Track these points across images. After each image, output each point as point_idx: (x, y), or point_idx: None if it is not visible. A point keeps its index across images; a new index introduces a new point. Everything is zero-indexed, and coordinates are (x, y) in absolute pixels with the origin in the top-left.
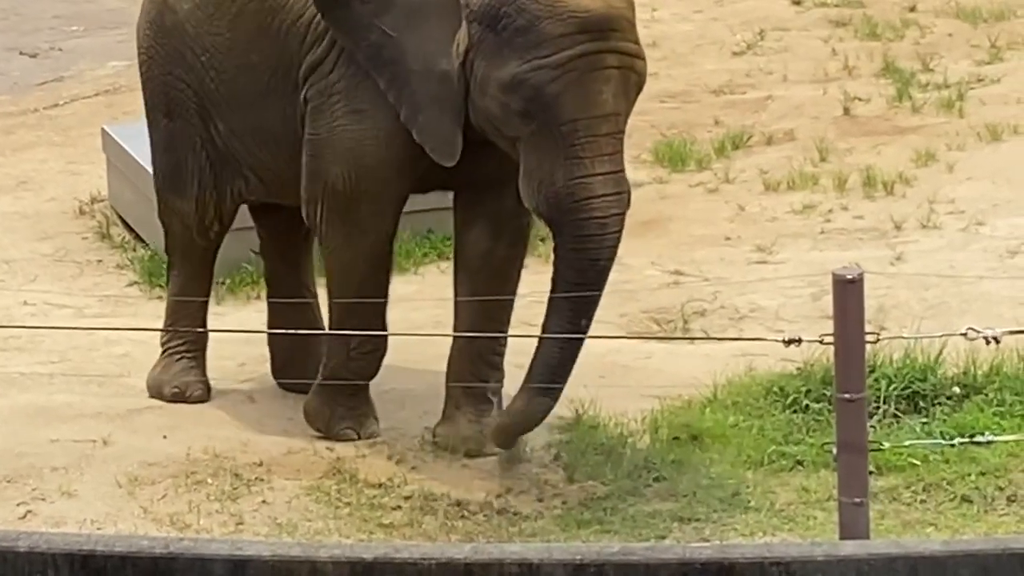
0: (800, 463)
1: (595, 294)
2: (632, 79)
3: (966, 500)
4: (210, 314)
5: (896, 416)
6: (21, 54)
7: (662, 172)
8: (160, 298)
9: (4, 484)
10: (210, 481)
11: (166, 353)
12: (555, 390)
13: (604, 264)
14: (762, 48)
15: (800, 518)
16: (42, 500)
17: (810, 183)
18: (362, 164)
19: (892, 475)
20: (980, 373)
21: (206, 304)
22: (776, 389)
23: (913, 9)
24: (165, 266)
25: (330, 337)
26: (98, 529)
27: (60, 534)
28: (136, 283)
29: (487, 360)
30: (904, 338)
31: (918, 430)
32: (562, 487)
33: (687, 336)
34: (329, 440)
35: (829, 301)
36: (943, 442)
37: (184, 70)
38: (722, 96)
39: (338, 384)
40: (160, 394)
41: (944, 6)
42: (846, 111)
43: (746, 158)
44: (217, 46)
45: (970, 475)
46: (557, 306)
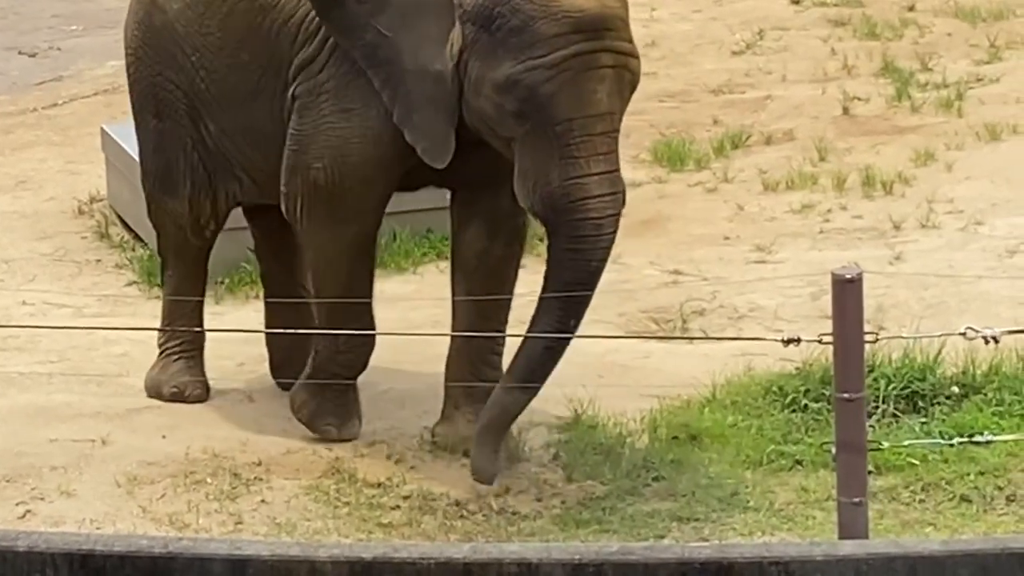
0: (799, 463)
1: (587, 294)
2: (626, 78)
3: (965, 500)
4: (209, 314)
5: (895, 416)
6: (20, 53)
7: (661, 172)
8: (159, 298)
9: (3, 484)
10: (209, 481)
11: (163, 354)
12: (535, 388)
13: (598, 264)
14: (761, 48)
15: (799, 518)
16: (41, 500)
17: (809, 183)
18: (347, 161)
19: (891, 475)
20: (979, 373)
21: (202, 303)
22: (775, 389)
23: (912, 9)
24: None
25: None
26: (97, 529)
27: (59, 533)
28: (135, 283)
29: (485, 360)
30: (903, 338)
31: (917, 430)
32: (561, 487)
33: (686, 336)
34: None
35: (828, 301)
36: (942, 442)
37: (174, 70)
38: (721, 96)
39: (326, 379)
40: (159, 394)
41: (943, 6)
42: (845, 111)
43: (745, 158)
44: (208, 46)
45: (969, 475)
46: (548, 305)
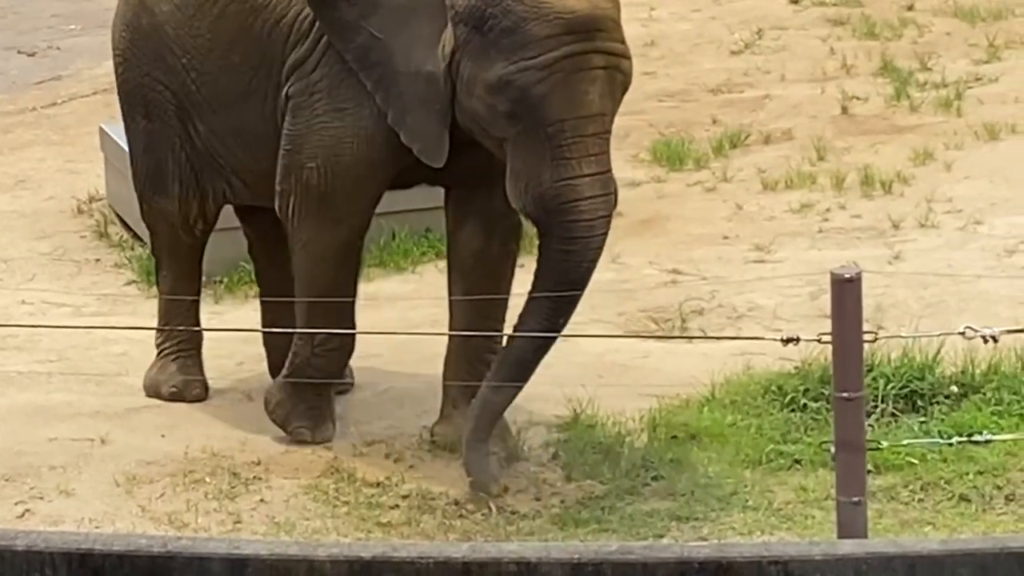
0: (798, 462)
1: (577, 294)
2: (618, 79)
3: (964, 499)
4: (208, 313)
5: (894, 415)
6: (19, 53)
7: (660, 171)
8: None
9: (2, 483)
10: (208, 480)
11: (161, 354)
12: (520, 385)
13: (589, 265)
14: (760, 47)
15: (798, 517)
16: (40, 499)
17: (808, 182)
18: (339, 161)
19: (890, 474)
20: (978, 372)
21: (198, 302)
22: (774, 388)
23: (911, 8)
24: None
25: (297, 332)
26: (96, 528)
27: (58, 533)
28: (134, 282)
29: (483, 359)
30: (902, 337)
31: (916, 429)
32: (560, 486)
33: (685, 335)
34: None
35: (827, 300)
36: (941, 441)
37: (163, 71)
38: (720, 95)
39: (302, 381)
40: (158, 394)
41: (942, 5)
42: (844, 110)
43: (744, 157)
44: (198, 47)
45: (968, 474)
46: (537, 304)
